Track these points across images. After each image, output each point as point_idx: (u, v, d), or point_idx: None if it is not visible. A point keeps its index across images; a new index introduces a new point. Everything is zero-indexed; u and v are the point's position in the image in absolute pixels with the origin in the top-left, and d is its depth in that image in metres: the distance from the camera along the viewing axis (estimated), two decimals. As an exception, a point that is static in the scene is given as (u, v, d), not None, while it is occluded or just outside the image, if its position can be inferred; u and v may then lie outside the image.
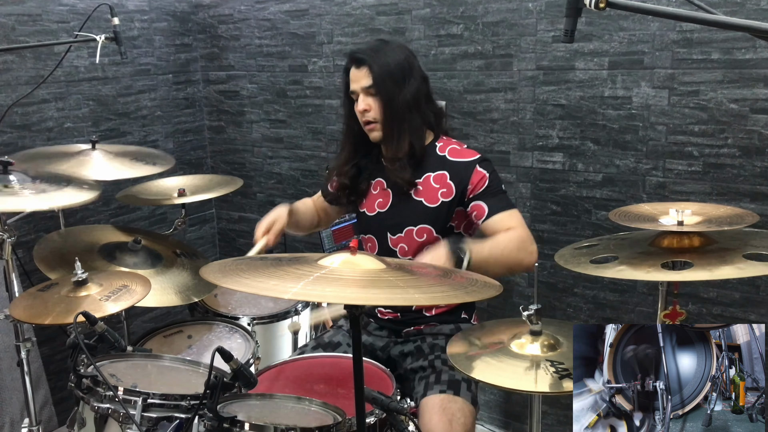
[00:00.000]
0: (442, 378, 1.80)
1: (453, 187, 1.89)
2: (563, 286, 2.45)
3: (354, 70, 1.88)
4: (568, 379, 1.30)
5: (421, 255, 1.76)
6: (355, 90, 1.88)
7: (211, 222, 3.45)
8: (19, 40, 2.53)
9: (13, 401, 2.51)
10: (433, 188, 1.91)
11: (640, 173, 2.24)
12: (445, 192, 1.89)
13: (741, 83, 2.03)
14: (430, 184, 1.92)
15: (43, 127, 2.64)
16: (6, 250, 1.95)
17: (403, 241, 1.95)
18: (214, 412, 1.33)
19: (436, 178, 1.91)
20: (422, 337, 1.97)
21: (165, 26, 3.10)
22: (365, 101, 1.87)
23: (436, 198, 1.90)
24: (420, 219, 1.91)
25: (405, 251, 1.95)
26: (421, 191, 1.92)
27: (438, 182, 1.91)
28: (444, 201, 1.89)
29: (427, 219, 1.91)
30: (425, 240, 1.91)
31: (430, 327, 1.98)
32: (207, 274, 1.27)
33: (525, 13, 2.33)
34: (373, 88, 1.85)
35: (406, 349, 1.96)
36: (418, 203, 1.92)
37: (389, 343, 2.00)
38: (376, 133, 1.91)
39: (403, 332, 1.99)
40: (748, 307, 2.13)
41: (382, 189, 2.00)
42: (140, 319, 3.06)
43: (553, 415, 2.56)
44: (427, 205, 1.91)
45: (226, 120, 3.27)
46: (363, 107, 1.87)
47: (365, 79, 1.85)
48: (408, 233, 1.93)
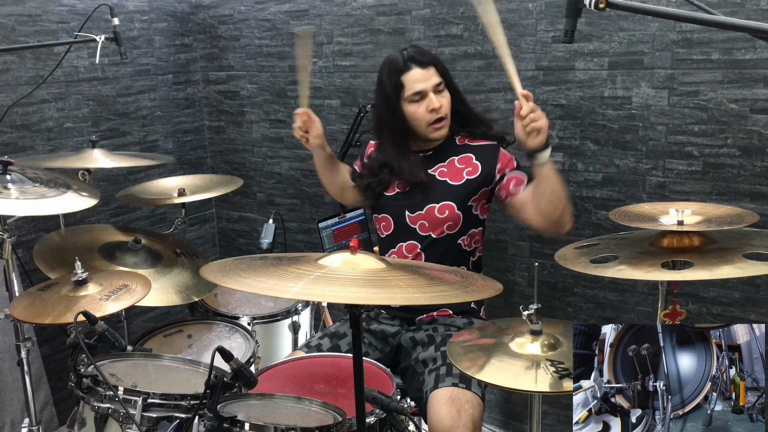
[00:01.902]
0: (454, 371, 1.80)
1: (479, 166, 1.98)
2: (563, 285, 2.45)
3: (419, 71, 1.92)
4: (568, 379, 1.30)
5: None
6: (423, 90, 1.92)
7: (211, 222, 3.45)
8: (19, 40, 2.53)
9: (14, 401, 2.51)
10: (458, 168, 1.99)
11: (640, 173, 2.24)
12: (470, 171, 1.98)
13: (741, 83, 2.03)
14: (454, 165, 2.00)
15: (43, 127, 2.64)
16: (6, 249, 1.95)
17: (423, 218, 1.99)
18: (214, 412, 1.33)
19: (460, 160, 2.00)
20: (435, 327, 1.99)
21: (165, 26, 3.10)
22: (438, 99, 1.93)
23: (461, 176, 1.98)
24: (443, 197, 1.97)
25: (425, 228, 1.99)
26: (445, 172, 2.00)
27: (463, 163, 2.00)
28: (469, 179, 1.97)
29: (451, 196, 1.97)
30: (447, 216, 1.97)
31: (444, 316, 2.01)
32: (207, 274, 1.27)
33: (525, 14, 2.33)
34: (441, 84, 1.95)
35: (417, 337, 1.98)
36: (442, 182, 1.99)
37: (400, 330, 2.02)
38: (444, 130, 1.99)
39: (416, 320, 2.01)
40: (748, 306, 2.13)
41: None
42: (140, 319, 3.06)
43: (553, 415, 2.57)
44: (451, 183, 1.98)
45: (226, 120, 3.28)
46: (437, 104, 1.92)
47: (434, 77, 1.93)
48: (429, 210, 1.98)
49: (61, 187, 1.91)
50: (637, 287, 2.30)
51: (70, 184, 1.95)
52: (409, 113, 1.95)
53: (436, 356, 1.89)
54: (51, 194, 1.86)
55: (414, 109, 1.94)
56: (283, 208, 3.15)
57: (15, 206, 1.79)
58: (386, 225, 2.06)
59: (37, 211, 1.85)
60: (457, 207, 1.96)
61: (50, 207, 1.85)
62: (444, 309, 2.02)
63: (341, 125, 2.88)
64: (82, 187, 1.98)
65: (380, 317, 2.07)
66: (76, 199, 1.88)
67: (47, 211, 1.88)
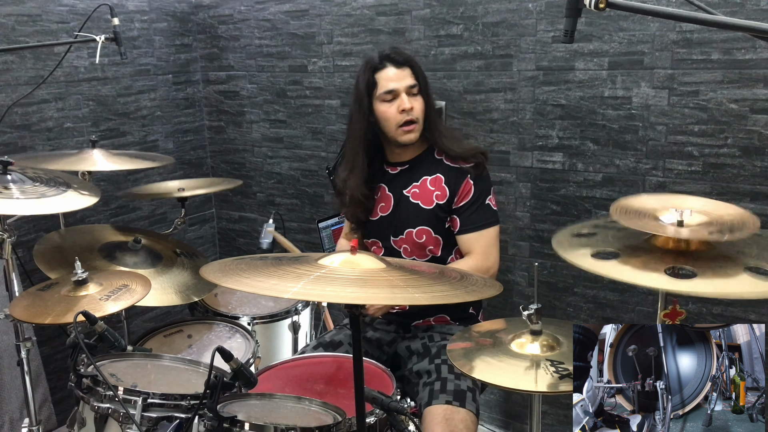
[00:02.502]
0: (448, 387, 1.78)
1: (447, 191, 1.94)
2: (563, 285, 2.45)
3: (394, 70, 1.89)
4: (568, 379, 1.30)
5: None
6: (395, 89, 1.88)
7: (211, 222, 3.45)
8: (19, 40, 2.53)
9: (13, 400, 2.51)
10: (429, 191, 1.95)
11: (640, 173, 2.24)
12: (439, 195, 1.94)
13: (741, 83, 2.03)
14: (426, 187, 1.96)
15: (43, 127, 2.64)
16: (6, 249, 1.95)
17: (404, 242, 1.98)
18: (214, 412, 1.33)
19: (432, 181, 1.96)
20: (431, 334, 1.98)
21: (165, 26, 3.10)
22: (410, 101, 1.88)
23: (431, 200, 1.95)
24: (418, 221, 1.95)
25: (408, 252, 1.99)
26: (417, 194, 1.96)
27: (434, 185, 1.95)
28: (438, 203, 1.94)
29: (424, 221, 1.94)
30: (425, 241, 1.95)
31: (440, 323, 2.00)
32: (207, 274, 1.27)
33: (525, 14, 2.33)
34: (415, 87, 1.89)
35: (413, 346, 1.97)
36: (415, 206, 1.96)
37: (396, 338, 2.01)
38: (414, 135, 1.93)
39: (411, 326, 2.00)
40: (748, 306, 2.13)
41: (384, 193, 2.02)
42: (140, 319, 3.06)
43: (553, 415, 2.56)
44: (423, 207, 1.95)
45: (226, 120, 3.27)
46: (408, 105, 1.88)
47: (408, 78, 1.89)
48: (408, 235, 1.97)
49: (61, 186, 1.91)
50: (637, 287, 2.30)
51: (70, 184, 1.95)
52: (379, 112, 1.91)
53: (430, 369, 1.86)
54: (51, 194, 1.85)
55: (385, 109, 1.90)
56: (283, 208, 3.15)
57: (15, 206, 1.79)
58: (376, 249, 2.06)
59: (37, 211, 1.85)
60: (434, 231, 1.94)
61: (50, 207, 1.85)
62: (441, 315, 2.01)
63: (341, 125, 2.88)
64: (82, 185, 1.98)
65: (376, 323, 2.06)
66: (76, 198, 1.88)
67: (47, 210, 1.88)
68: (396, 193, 1.99)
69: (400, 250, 2.00)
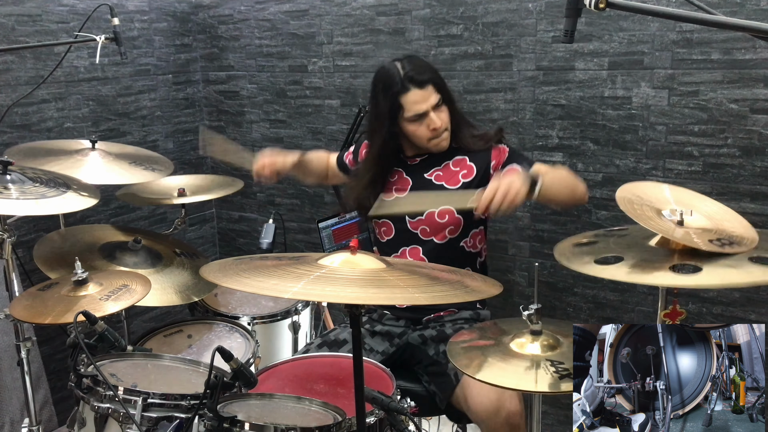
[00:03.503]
0: None
1: (474, 168, 1.96)
2: (563, 285, 2.45)
3: (419, 92, 1.86)
4: (568, 379, 1.30)
5: (497, 177, 1.69)
6: (423, 111, 1.88)
7: (211, 222, 3.45)
8: (19, 40, 2.53)
9: (13, 401, 2.51)
10: (454, 172, 1.98)
11: (640, 173, 2.24)
12: (465, 173, 1.96)
13: (741, 83, 2.03)
14: (450, 169, 1.98)
15: (43, 127, 2.64)
16: (6, 249, 1.95)
17: (423, 223, 1.98)
18: (214, 412, 1.33)
19: (455, 163, 1.98)
20: (442, 323, 1.99)
21: (165, 26, 3.10)
22: (438, 117, 1.89)
23: (457, 180, 1.97)
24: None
25: (426, 233, 1.99)
26: (441, 176, 1.98)
27: (458, 166, 1.98)
28: (465, 182, 1.96)
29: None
30: (447, 221, 1.96)
31: (450, 313, 2.02)
32: (207, 274, 1.27)
33: (525, 14, 2.33)
34: (440, 101, 1.90)
35: (426, 334, 1.98)
36: (438, 187, 1.97)
37: (406, 330, 2.02)
38: (446, 142, 1.96)
39: (423, 320, 2.02)
40: (749, 306, 2.13)
41: (402, 177, 2.04)
42: (140, 319, 3.06)
43: (553, 415, 2.57)
44: (449, 188, 1.96)
45: (226, 120, 3.27)
46: (439, 123, 1.89)
47: (433, 96, 1.89)
48: (429, 216, 1.97)
49: (61, 187, 1.91)
50: (637, 287, 2.30)
51: (70, 184, 1.95)
52: (409, 132, 1.93)
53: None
54: (51, 194, 1.85)
55: (414, 129, 1.91)
56: (283, 208, 3.15)
57: (15, 206, 1.79)
58: (387, 230, 2.05)
59: (37, 211, 1.85)
60: (457, 211, 1.95)
61: (50, 207, 1.85)
62: (451, 308, 2.03)
63: (341, 125, 2.88)
64: (82, 186, 1.98)
65: (384, 318, 2.07)
66: (76, 199, 1.88)
67: (47, 211, 1.88)
68: (415, 177, 2.00)
69: (416, 231, 1.99)
